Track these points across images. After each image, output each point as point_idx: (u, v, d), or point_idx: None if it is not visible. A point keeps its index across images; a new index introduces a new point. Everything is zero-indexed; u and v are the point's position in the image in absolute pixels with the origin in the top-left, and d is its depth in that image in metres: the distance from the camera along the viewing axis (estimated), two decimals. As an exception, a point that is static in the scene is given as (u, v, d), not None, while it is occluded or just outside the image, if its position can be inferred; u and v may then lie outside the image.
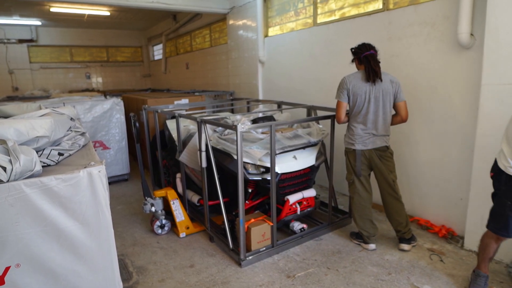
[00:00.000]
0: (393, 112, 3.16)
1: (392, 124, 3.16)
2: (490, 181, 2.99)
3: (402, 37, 3.71)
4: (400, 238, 3.29)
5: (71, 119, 2.42)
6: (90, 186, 1.71)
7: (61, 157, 1.99)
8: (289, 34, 5.43)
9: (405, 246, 3.25)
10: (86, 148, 2.28)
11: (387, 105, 3.04)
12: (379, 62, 3.03)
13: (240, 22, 6.44)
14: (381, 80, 2.98)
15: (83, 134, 2.40)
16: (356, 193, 3.26)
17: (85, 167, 1.72)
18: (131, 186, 5.48)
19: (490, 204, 3.00)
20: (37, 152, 1.81)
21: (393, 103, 3.08)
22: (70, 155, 2.09)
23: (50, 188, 1.63)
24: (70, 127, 2.32)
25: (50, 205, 1.65)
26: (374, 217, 3.97)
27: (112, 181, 5.58)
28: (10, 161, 1.56)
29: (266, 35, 5.97)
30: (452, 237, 3.41)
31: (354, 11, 4.37)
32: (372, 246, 3.28)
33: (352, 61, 3.21)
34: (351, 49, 3.16)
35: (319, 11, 4.91)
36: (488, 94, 2.92)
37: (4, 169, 1.54)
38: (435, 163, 3.58)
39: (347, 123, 3.23)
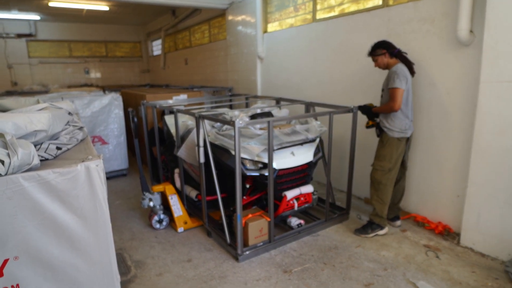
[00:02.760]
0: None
1: None
2: (487, 178, 3.01)
3: (401, 34, 3.71)
4: (394, 216, 3.67)
5: (69, 113, 2.42)
6: (88, 180, 1.71)
7: (59, 151, 1.98)
8: (288, 30, 5.42)
9: (399, 222, 3.68)
10: (84, 142, 2.28)
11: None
12: None
13: (239, 18, 6.42)
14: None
15: (81, 128, 2.40)
16: (389, 180, 3.38)
17: (82, 161, 1.72)
18: (129, 181, 5.48)
19: (486, 201, 3.03)
20: (35, 146, 1.81)
21: None
22: (68, 149, 2.09)
23: (48, 182, 1.63)
24: (68, 122, 2.31)
25: (48, 199, 1.65)
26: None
27: (111, 176, 5.59)
28: (8, 155, 1.56)
29: (265, 31, 5.96)
30: (448, 233, 3.43)
31: (353, 7, 4.36)
32: (386, 229, 3.52)
33: (376, 54, 3.33)
34: (380, 43, 3.30)
35: (318, 7, 4.90)
36: (487, 91, 2.93)
37: (2, 162, 1.54)
38: (433, 160, 3.59)
39: (390, 114, 3.28)
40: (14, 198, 1.59)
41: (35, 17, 9.87)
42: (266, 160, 3.15)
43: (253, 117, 3.68)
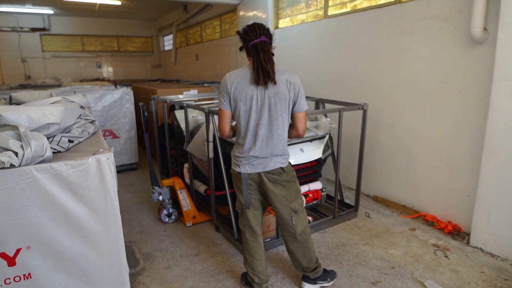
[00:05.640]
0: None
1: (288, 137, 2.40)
2: (499, 178, 2.97)
3: (413, 31, 3.66)
4: (304, 276, 2.67)
5: (81, 107, 2.46)
6: (99, 172, 1.74)
7: (71, 144, 2.02)
8: (300, 26, 5.39)
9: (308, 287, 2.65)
10: (95, 135, 2.32)
11: (280, 115, 2.23)
12: (273, 54, 2.25)
13: (251, 13, 6.41)
14: (275, 83, 2.17)
15: (92, 122, 2.44)
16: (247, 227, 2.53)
17: (94, 154, 1.75)
18: (139, 175, 5.54)
19: (497, 201, 2.99)
20: (48, 138, 1.85)
21: (292, 112, 2.30)
22: (79, 142, 2.13)
23: (60, 174, 1.67)
24: (80, 115, 2.36)
25: (59, 190, 1.69)
26: (381, 212, 3.98)
27: (121, 170, 5.66)
28: (22, 147, 1.60)
29: (276, 27, 5.94)
30: (458, 233, 3.39)
31: (365, 4, 4.32)
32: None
33: (241, 49, 2.33)
34: (237, 32, 2.29)
35: (330, 3, 4.86)
36: (500, 90, 2.88)
37: (16, 154, 1.58)
38: (444, 159, 3.55)
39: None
40: (27, 189, 1.63)
41: (49, 11, 10.00)
42: (274, 156, 3.14)
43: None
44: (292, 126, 2.36)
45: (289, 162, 2.45)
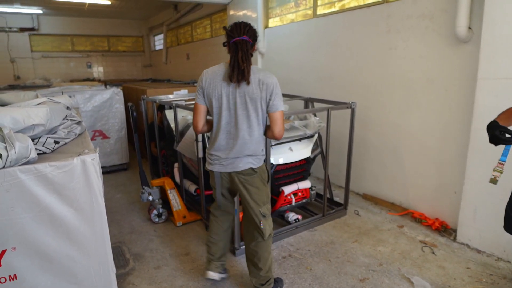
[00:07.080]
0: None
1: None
2: (484, 175, 3.01)
3: (400, 30, 3.70)
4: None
5: (67, 108, 2.45)
6: (84, 173, 1.74)
7: (57, 145, 2.01)
8: (289, 25, 5.41)
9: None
10: (81, 136, 2.31)
11: (251, 115, 2.20)
12: (252, 54, 2.22)
13: (241, 13, 6.41)
14: (248, 83, 2.13)
15: (79, 123, 2.43)
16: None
17: (79, 155, 1.75)
18: (130, 176, 5.52)
19: (483, 197, 3.03)
20: (33, 140, 1.84)
21: (266, 112, 2.24)
22: (66, 143, 2.12)
23: (44, 175, 1.67)
24: (66, 116, 2.35)
25: (44, 191, 1.69)
26: (370, 209, 4.03)
27: (112, 170, 5.63)
28: (6, 148, 1.59)
29: (266, 26, 5.96)
30: (445, 230, 3.44)
31: (353, 3, 4.35)
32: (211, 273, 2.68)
33: (224, 44, 2.25)
34: (224, 27, 2.26)
35: (319, 2, 4.89)
36: (484, 88, 2.93)
37: (0, 155, 1.57)
38: (431, 157, 3.60)
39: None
40: (12, 191, 1.62)
41: (38, 11, 9.87)
42: (263, 155, 3.15)
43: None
44: (268, 127, 2.32)
45: (264, 164, 2.40)
